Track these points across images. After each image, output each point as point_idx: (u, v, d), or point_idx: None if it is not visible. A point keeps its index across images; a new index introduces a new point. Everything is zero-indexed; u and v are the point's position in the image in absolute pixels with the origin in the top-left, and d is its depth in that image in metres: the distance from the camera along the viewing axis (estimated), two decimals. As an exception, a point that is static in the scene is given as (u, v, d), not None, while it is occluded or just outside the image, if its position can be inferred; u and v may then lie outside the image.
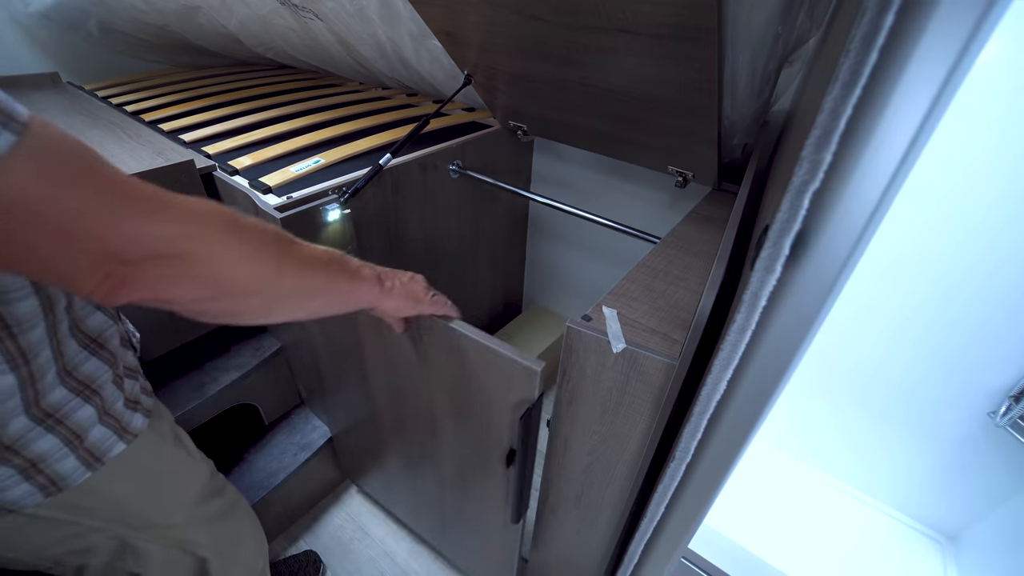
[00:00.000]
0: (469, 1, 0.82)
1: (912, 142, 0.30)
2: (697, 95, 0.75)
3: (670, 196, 1.29)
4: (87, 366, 0.53)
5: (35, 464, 0.49)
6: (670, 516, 0.60)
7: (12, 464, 0.48)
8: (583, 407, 0.66)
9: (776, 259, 0.35)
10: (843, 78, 0.28)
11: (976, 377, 0.94)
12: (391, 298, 0.58)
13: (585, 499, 0.78)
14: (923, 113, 0.29)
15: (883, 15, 0.25)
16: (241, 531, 0.81)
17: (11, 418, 0.47)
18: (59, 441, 0.50)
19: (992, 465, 0.99)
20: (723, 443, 0.49)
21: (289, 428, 1.28)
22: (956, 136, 0.82)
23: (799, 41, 0.85)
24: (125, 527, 0.61)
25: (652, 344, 0.57)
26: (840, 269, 0.35)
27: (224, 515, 0.76)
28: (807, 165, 0.31)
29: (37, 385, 0.48)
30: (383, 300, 0.57)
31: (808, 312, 0.38)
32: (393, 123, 1.25)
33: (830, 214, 0.33)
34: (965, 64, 0.28)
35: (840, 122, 0.29)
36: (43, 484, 0.50)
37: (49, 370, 0.49)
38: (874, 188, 0.32)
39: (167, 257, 0.35)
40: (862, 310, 1.02)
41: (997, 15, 0.27)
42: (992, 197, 0.83)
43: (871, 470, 1.18)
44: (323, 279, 0.48)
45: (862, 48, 0.26)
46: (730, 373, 0.42)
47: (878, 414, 1.10)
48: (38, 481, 0.50)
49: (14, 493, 0.49)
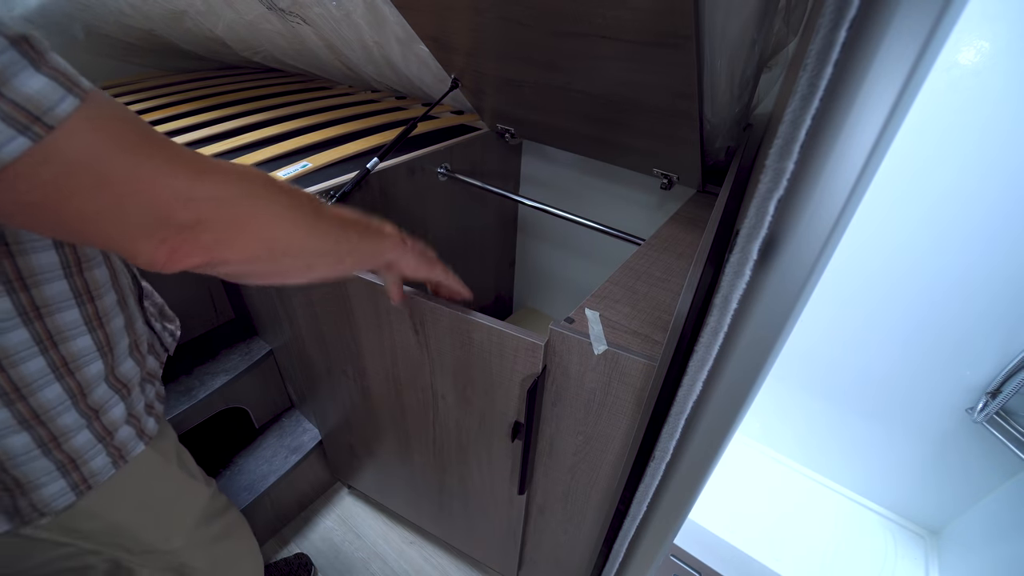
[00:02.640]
0: (454, 7, 0.83)
1: (873, 149, 0.31)
2: (678, 99, 0.76)
3: (656, 198, 1.30)
4: (126, 365, 0.53)
5: (73, 459, 0.49)
6: (652, 515, 0.61)
7: (52, 458, 0.47)
8: (567, 408, 0.67)
9: (745, 263, 0.36)
10: (801, 91, 0.29)
11: (954, 374, 0.96)
12: (412, 255, 0.58)
13: (571, 499, 0.79)
14: (882, 121, 0.30)
15: (836, 30, 0.26)
16: (239, 552, 0.80)
17: (62, 413, 0.47)
18: (93, 437, 0.50)
19: (971, 461, 1.01)
20: (701, 443, 0.50)
21: (279, 431, 1.28)
22: (932, 136, 0.84)
23: (777, 46, 0.86)
24: (123, 551, 0.60)
25: (633, 345, 0.58)
26: (808, 272, 0.36)
27: (223, 537, 0.75)
28: (771, 173, 0.32)
29: (85, 390, 0.48)
30: (405, 256, 0.57)
31: (779, 314, 0.39)
32: (382, 126, 1.25)
33: (796, 220, 0.34)
34: (920, 74, 0.29)
35: (800, 132, 0.30)
36: (76, 482, 0.50)
37: (95, 365, 0.49)
38: (838, 194, 0.33)
39: (218, 220, 0.36)
40: (843, 308, 1.04)
41: (949, 25, 0.28)
42: (968, 197, 0.85)
43: (854, 466, 1.20)
44: (356, 236, 0.50)
45: (818, 62, 0.27)
46: (705, 374, 0.43)
47: (860, 411, 1.12)
48: (72, 478, 0.49)
49: (49, 491, 0.48)
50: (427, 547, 1.27)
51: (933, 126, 0.83)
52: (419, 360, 0.77)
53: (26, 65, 0.28)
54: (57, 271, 0.43)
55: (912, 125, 0.82)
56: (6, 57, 0.27)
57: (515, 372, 0.66)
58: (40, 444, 0.46)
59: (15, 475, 0.46)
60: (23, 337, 0.42)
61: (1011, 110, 0.78)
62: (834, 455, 1.22)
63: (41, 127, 0.28)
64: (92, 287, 0.47)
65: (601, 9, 0.65)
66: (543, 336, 0.62)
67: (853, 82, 0.29)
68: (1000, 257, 0.85)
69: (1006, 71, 0.77)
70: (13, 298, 0.41)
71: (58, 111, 0.28)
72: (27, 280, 0.41)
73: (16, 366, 0.42)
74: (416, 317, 0.70)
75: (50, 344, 0.44)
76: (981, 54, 0.77)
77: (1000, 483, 0.98)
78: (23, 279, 0.41)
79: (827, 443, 1.21)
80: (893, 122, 0.30)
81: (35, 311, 0.43)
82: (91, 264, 0.47)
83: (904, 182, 0.88)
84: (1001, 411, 0.92)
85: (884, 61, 0.27)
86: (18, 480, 0.46)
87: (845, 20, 0.26)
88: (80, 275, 0.46)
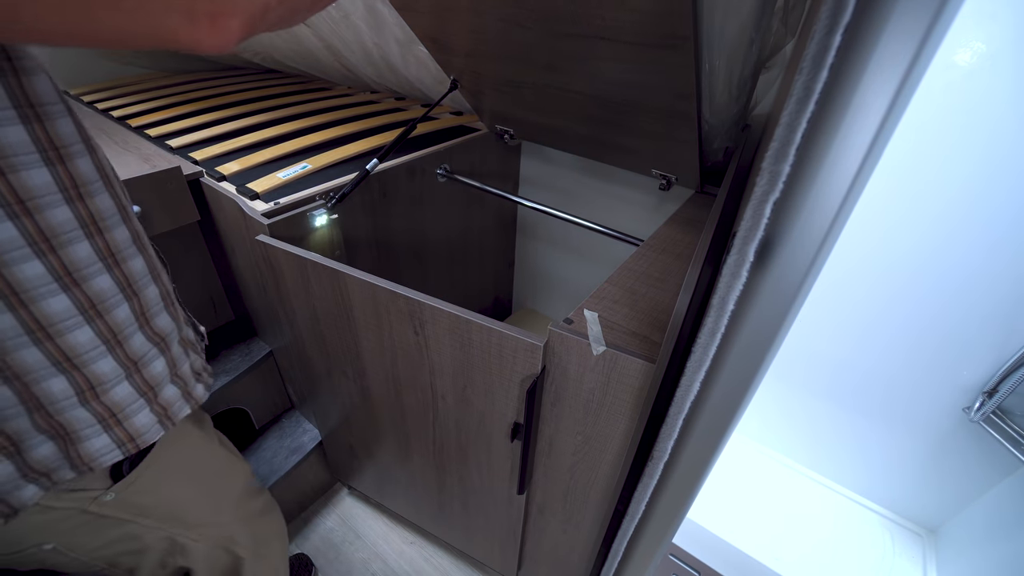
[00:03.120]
0: (454, 8, 0.83)
1: (868, 152, 0.31)
2: (677, 100, 0.76)
3: (655, 199, 1.30)
4: (160, 319, 0.52)
5: (113, 413, 0.48)
6: (651, 514, 0.62)
7: (90, 408, 0.46)
8: (566, 408, 0.67)
9: (741, 265, 0.36)
10: (797, 94, 0.29)
11: (951, 373, 0.96)
12: None
13: (570, 499, 0.79)
14: (877, 125, 0.30)
15: (831, 35, 0.27)
16: (274, 530, 0.83)
17: (96, 358, 0.46)
18: (134, 390, 0.49)
19: (968, 460, 1.01)
20: (699, 442, 0.50)
21: (279, 432, 1.29)
22: (932, 135, 0.84)
23: (776, 47, 0.86)
24: (179, 525, 0.62)
25: (632, 346, 0.58)
26: (804, 274, 0.37)
27: (262, 513, 0.78)
28: (767, 176, 0.32)
29: (119, 336, 0.47)
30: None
31: (775, 315, 0.39)
32: (381, 127, 1.26)
33: (792, 222, 0.35)
34: (914, 78, 0.29)
35: (796, 135, 0.30)
36: (122, 439, 0.49)
37: (122, 308, 0.47)
38: (834, 196, 0.33)
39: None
40: (841, 309, 1.04)
41: (943, 30, 0.29)
42: (968, 199, 0.85)
43: (853, 465, 1.20)
44: None
45: (813, 67, 0.28)
46: (702, 375, 0.44)
47: (858, 410, 1.12)
48: (116, 434, 0.49)
49: (94, 444, 0.47)
50: (427, 547, 1.27)
51: (929, 129, 0.84)
52: (419, 361, 0.77)
53: None
54: (56, 194, 0.41)
55: (909, 128, 0.83)
56: None
57: (515, 373, 0.67)
58: (78, 391, 0.45)
59: (60, 420, 0.45)
60: (39, 271, 0.40)
61: (1012, 112, 0.78)
62: (832, 454, 1.22)
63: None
64: (97, 217, 0.44)
65: (600, 11, 0.65)
66: (542, 337, 0.62)
67: (848, 86, 0.29)
68: (997, 259, 0.85)
69: (1004, 72, 0.77)
70: (17, 223, 0.39)
71: None
72: (27, 204, 0.39)
73: (36, 302, 0.41)
74: (416, 318, 0.71)
75: (70, 281, 0.43)
76: (978, 55, 0.78)
77: (997, 482, 0.99)
78: (23, 202, 0.39)
79: (825, 442, 1.22)
80: (888, 125, 0.30)
81: (45, 242, 0.40)
82: (90, 191, 0.44)
83: (902, 185, 0.89)
84: (997, 410, 0.92)
85: (878, 66, 0.28)
86: (64, 427, 0.46)
87: (840, 25, 0.26)
88: (81, 201, 0.43)
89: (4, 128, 0.37)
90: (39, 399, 0.44)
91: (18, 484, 0.45)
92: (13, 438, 0.44)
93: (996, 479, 0.99)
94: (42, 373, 0.43)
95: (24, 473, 0.45)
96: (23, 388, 0.42)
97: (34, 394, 0.43)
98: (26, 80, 0.38)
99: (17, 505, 0.45)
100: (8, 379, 0.42)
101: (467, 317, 0.65)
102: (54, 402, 0.44)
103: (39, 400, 0.44)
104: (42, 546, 0.51)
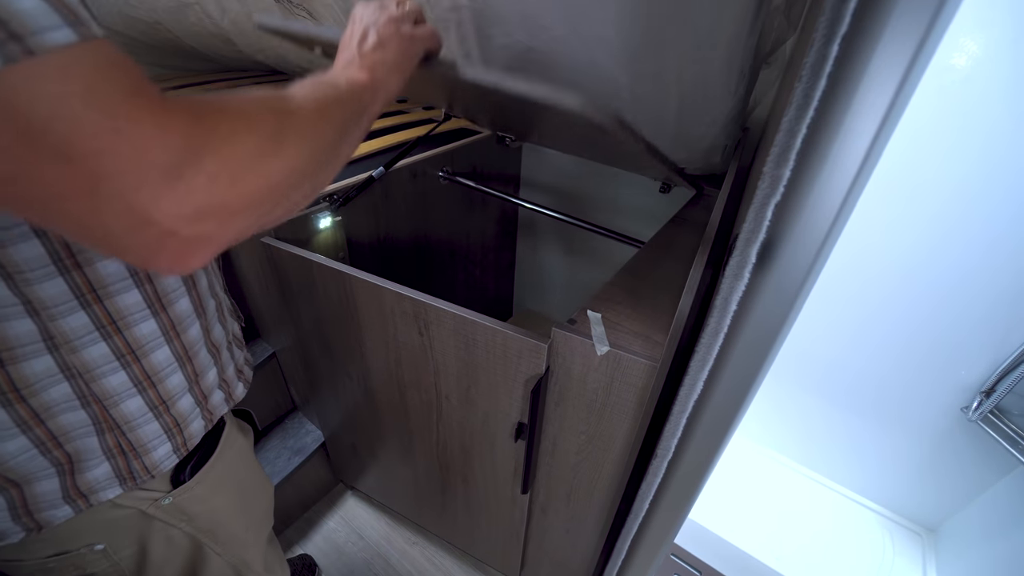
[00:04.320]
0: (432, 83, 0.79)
1: (866, 156, 0.32)
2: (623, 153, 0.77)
3: (656, 200, 1.31)
4: (216, 330, 0.56)
5: (178, 422, 0.51)
6: (654, 513, 0.62)
7: (162, 421, 0.50)
8: (570, 408, 0.68)
9: (744, 266, 0.37)
10: (797, 101, 0.30)
11: (949, 373, 0.97)
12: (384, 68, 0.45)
13: (574, 498, 0.80)
14: (874, 130, 0.31)
15: (829, 45, 0.28)
16: (279, 558, 0.82)
17: (170, 375, 0.49)
18: (193, 400, 0.53)
19: (967, 459, 1.02)
20: (702, 441, 0.51)
21: (283, 433, 1.29)
22: (930, 138, 0.85)
23: (777, 41, 0.86)
24: (210, 537, 0.62)
25: (635, 346, 0.59)
26: (805, 275, 0.38)
27: (270, 540, 0.78)
28: (768, 180, 0.33)
29: (190, 353, 0.50)
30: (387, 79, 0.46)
31: (777, 315, 0.40)
32: (384, 129, 1.27)
33: (793, 224, 0.36)
34: (909, 85, 0.30)
35: (796, 140, 0.31)
36: (179, 445, 0.52)
37: (192, 326, 0.51)
38: (834, 198, 0.34)
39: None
40: (841, 310, 1.05)
41: (937, 37, 0.30)
42: (964, 201, 0.86)
43: (852, 465, 1.21)
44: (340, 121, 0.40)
45: (812, 75, 0.29)
46: (705, 374, 0.45)
47: (858, 410, 1.13)
48: (176, 441, 0.52)
49: (159, 454, 0.50)
50: (430, 547, 1.28)
51: (924, 131, 0.85)
52: (423, 361, 0.78)
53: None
54: None
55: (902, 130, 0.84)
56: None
57: (519, 373, 0.68)
58: (152, 407, 0.48)
59: (130, 439, 0.48)
60: (136, 299, 0.44)
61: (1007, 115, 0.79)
62: (832, 454, 1.23)
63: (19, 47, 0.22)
64: None
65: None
66: (545, 338, 0.63)
67: (845, 94, 0.30)
68: (993, 258, 0.87)
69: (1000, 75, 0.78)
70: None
71: (47, 37, 0.23)
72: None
73: (130, 328, 0.44)
74: (421, 319, 0.72)
75: (159, 307, 0.46)
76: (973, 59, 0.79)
77: (995, 481, 1.00)
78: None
79: (825, 442, 1.23)
80: (885, 130, 0.31)
81: (146, 274, 0.45)
82: None
83: (899, 185, 0.90)
84: (995, 409, 0.93)
85: (875, 74, 0.29)
86: (132, 444, 0.48)
87: (837, 35, 0.27)
88: None
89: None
90: (115, 419, 0.46)
91: (56, 502, 0.46)
92: (72, 457, 0.45)
93: (994, 478, 1.00)
94: (123, 395, 0.46)
95: (66, 493, 0.46)
96: (101, 411, 0.45)
97: (111, 416, 0.46)
98: None
99: (44, 524, 0.46)
100: (88, 403, 0.44)
101: (472, 318, 0.66)
102: (131, 420, 0.47)
103: (114, 420, 0.46)
104: (93, 547, 0.51)
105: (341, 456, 1.27)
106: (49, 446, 0.44)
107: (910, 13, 0.27)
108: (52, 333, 0.40)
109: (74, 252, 0.39)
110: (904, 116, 0.92)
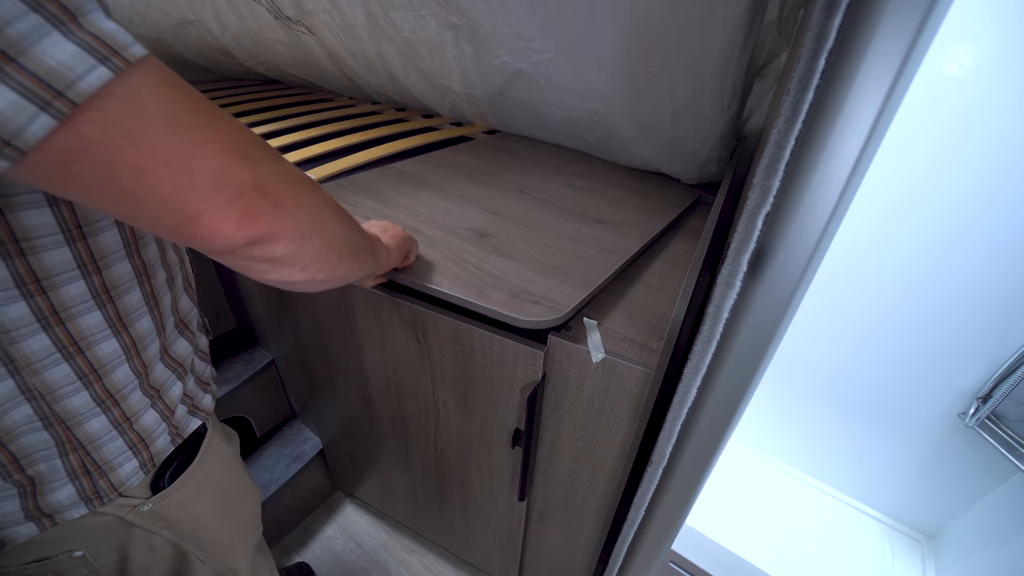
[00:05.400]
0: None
1: (854, 166, 0.33)
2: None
3: (653, 207, 1.32)
4: (179, 345, 0.55)
5: (143, 438, 0.51)
6: (650, 520, 0.62)
7: (126, 438, 0.49)
8: (567, 414, 0.68)
9: (735, 275, 0.37)
10: (786, 114, 0.31)
11: (947, 379, 0.98)
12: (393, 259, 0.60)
13: (571, 505, 0.80)
14: (862, 141, 0.32)
15: (816, 59, 0.28)
16: (268, 569, 0.81)
17: (131, 392, 0.48)
18: (158, 416, 0.52)
19: (965, 465, 1.02)
20: (697, 447, 0.51)
21: (281, 440, 1.29)
22: (927, 145, 0.86)
23: (771, 55, 0.88)
24: (194, 545, 0.62)
25: (631, 353, 0.59)
26: (796, 283, 0.38)
27: (259, 549, 0.77)
28: (758, 190, 0.34)
29: (148, 369, 0.50)
30: (390, 262, 0.60)
31: (769, 323, 0.41)
32: (382, 139, 1.27)
33: (783, 233, 0.36)
34: (895, 98, 0.31)
35: (785, 152, 0.32)
36: (145, 461, 0.51)
37: (153, 343, 0.50)
38: (823, 208, 0.35)
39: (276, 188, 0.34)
40: (839, 317, 1.06)
41: (922, 51, 0.30)
42: (961, 210, 0.87)
43: (851, 472, 1.21)
44: (372, 242, 0.53)
45: (799, 88, 0.29)
46: (699, 381, 0.45)
47: (856, 416, 1.13)
48: (143, 457, 0.51)
49: (125, 470, 0.50)
50: (427, 555, 1.28)
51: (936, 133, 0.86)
52: (421, 368, 0.78)
53: (50, 31, 0.24)
54: (120, 251, 0.44)
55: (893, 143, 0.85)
56: (26, 23, 0.23)
57: (515, 380, 0.68)
58: (116, 424, 0.48)
59: (95, 457, 0.47)
60: (98, 319, 0.44)
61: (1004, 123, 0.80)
62: (831, 461, 1.23)
63: (64, 103, 0.25)
64: (148, 265, 0.48)
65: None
66: (542, 345, 0.63)
67: (832, 106, 0.30)
68: (992, 266, 0.87)
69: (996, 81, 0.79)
70: (88, 281, 0.42)
71: (81, 85, 0.25)
72: (98, 262, 0.42)
73: (92, 347, 0.44)
74: (418, 326, 0.72)
75: (120, 327, 0.46)
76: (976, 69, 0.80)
77: (993, 487, 1.00)
78: (96, 261, 0.42)
79: (824, 449, 1.23)
80: (872, 142, 0.32)
81: (106, 294, 0.44)
82: (144, 242, 0.47)
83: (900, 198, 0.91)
84: (992, 415, 0.93)
85: (861, 86, 0.29)
86: (97, 462, 0.48)
87: (823, 50, 0.28)
88: (138, 254, 0.46)
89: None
90: (79, 439, 0.46)
91: (18, 520, 0.46)
92: (35, 480, 0.45)
93: (992, 484, 1.00)
94: (87, 415, 0.45)
95: (28, 514, 0.46)
96: (64, 431, 0.45)
97: (75, 435, 0.45)
98: None
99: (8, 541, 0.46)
100: (51, 423, 0.44)
101: (469, 325, 0.66)
102: (95, 439, 0.47)
103: (78, 440, 0.46)
104: (72, 553, 0.51)
105: (339, 463, 1.27)
106: (10, 469, 0.43)
107: (895, 26, 0.28)
108: (13, 357, 0.40)
109: (38, 277, 0.39)
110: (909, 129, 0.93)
